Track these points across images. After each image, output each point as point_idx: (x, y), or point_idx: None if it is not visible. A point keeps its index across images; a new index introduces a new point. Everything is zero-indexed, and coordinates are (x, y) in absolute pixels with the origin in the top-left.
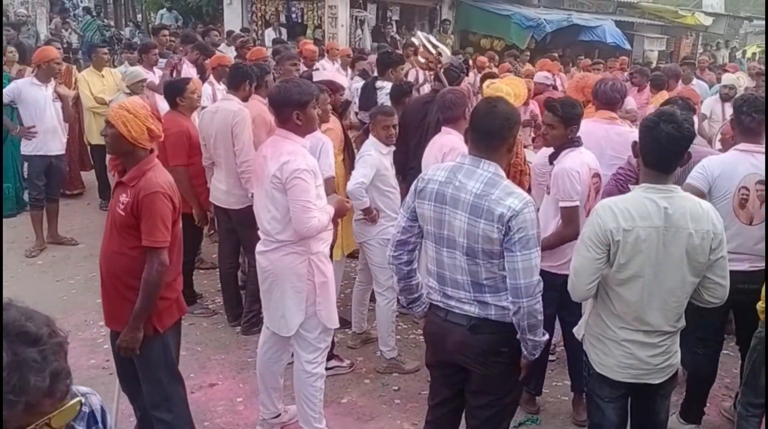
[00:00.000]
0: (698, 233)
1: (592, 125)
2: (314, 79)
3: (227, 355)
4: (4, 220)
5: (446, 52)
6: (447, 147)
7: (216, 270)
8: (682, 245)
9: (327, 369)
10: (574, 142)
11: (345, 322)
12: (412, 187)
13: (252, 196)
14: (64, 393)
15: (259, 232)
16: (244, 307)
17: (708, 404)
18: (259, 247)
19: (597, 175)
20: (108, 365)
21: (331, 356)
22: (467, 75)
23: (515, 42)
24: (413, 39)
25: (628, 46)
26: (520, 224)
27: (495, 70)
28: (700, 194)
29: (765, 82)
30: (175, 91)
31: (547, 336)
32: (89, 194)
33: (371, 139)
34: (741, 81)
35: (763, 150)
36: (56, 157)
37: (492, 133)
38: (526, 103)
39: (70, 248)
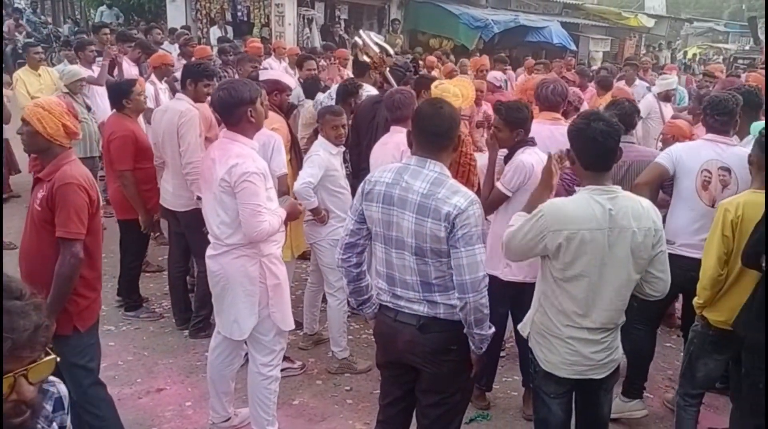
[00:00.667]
0: (641, 231)
1: (537, 126)
2: (260, 78)
3: (175, 359)
4: None
5: (390, 50)
6: (404, 145)
7: (162, 273)
8: (626, 244)
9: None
10: (528, 143)
11: (296, 324)
12: (359, 190)
13: (198, 199)
14: (43, 346)
15: (209, 237)
16: (192, 311)
17: (651, 395)
18: (209, 251)
19: None
20: None
21: (284, 358)
22: (415, 74)
23: (464, 42)
24: (356, 38)
25: (573, 47)
26: (463, 221)
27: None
28: (665, 172)
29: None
30: (121, 93)
31: (493, 329)
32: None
33: (320, 140)
34: (675, 81)
35: (728, 141)
36: None
37: (439, 134)
38: (478, 104)
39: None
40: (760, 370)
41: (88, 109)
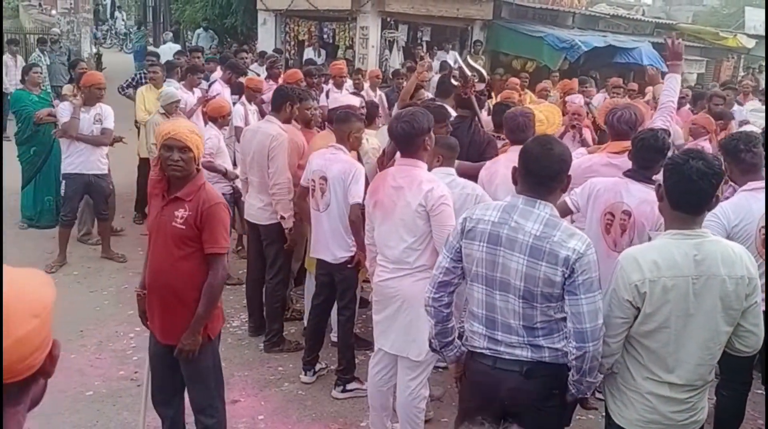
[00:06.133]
0: (732, 279)
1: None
2: (331, 107)
3: (250, 372)
4: (44, 231)
5: (484, 74)
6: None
7: (242, 286)
8: (715, 294)
9: (350, 390)
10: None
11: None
12: (458, 227)
13: (282, 218)
14: None
15: (381, 261)
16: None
17: None
18: (384, 274)
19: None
20: (136, 377)
21: (353, 378)
22: (489, 97)
23: (547, 63)
24: (449, 59)
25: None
26: (584, 266)
27: (526, 92)
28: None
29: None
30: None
31: (601, 376)
32: (120, 207)
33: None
34: None
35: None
36: (96, 176)
37: (548, 177)
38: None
39: (104, 260)
40: None
41: None
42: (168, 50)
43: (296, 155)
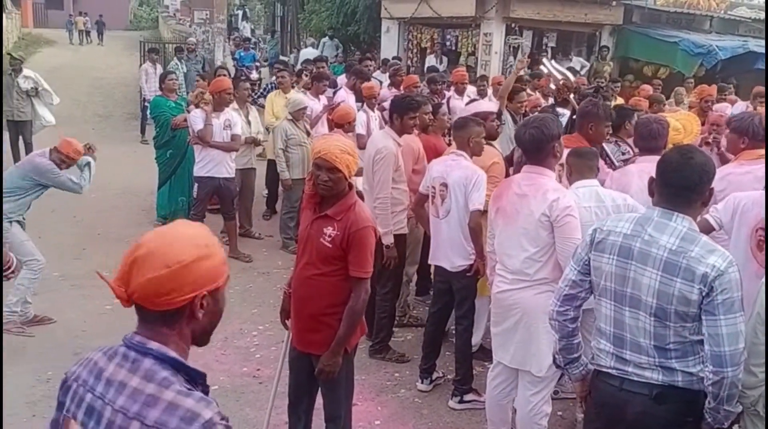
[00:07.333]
0: None
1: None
2: (461, 115)
3: (367, 376)
4: None
5: (570, 77)
6: (647, 174)
7: None
8: None
9: (467, 401)
10: None
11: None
12: (588, 238)
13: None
14: None
15: (501, 271)
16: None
17: None
18: (502, 285)
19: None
20: (259, 374)
21: (470, 389)
22: (608, 101)
23: (681, 70)
24: (541, 67)
25: None
26: (724, 285)
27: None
28: None
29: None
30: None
31: (740, 407)
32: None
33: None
34: None
35: None
36: (225, 179)
37: (688, 188)
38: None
39: (230, 260)
40: None
41: (307, 134)
42: (308, 54)
43: (411, 160)
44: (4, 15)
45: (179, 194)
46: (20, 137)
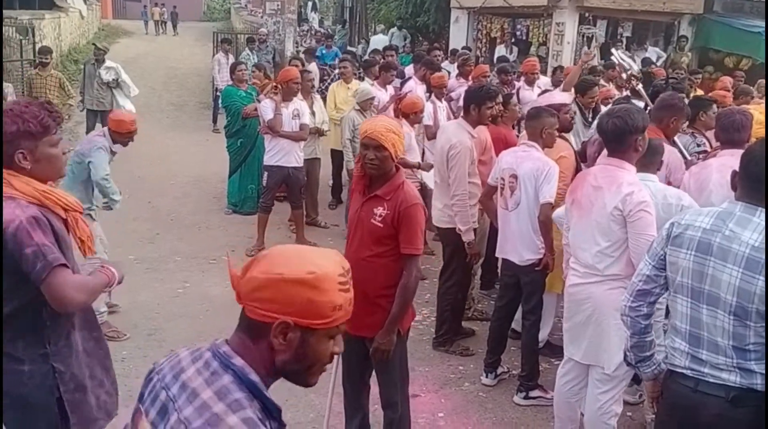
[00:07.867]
0: None
1: None
2: (543, 104)
3: (431, 368)
4: (246, 217)
5: (634, 66)
6: (729, 168)
7: (423, 280)
8: None
9: (532, 398)
10: None
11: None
12: (664, 232)
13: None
14: None
15: (574, 264)
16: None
17: None
18: (575, 278)
19: None
20: None
21: (536, 386)
22: (688, 95)
23: (765, 61)
24: (612, 58)
25: None
26: None
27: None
28: None
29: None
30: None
31: None
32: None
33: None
34: None
35: None
36: (294, 168)
37: None
38: None
39: None
40: None
41: None
42: (379, 41)
43: (478, 151)
44: (86, 7)
45: (249, 182)
46: (97, 126)
